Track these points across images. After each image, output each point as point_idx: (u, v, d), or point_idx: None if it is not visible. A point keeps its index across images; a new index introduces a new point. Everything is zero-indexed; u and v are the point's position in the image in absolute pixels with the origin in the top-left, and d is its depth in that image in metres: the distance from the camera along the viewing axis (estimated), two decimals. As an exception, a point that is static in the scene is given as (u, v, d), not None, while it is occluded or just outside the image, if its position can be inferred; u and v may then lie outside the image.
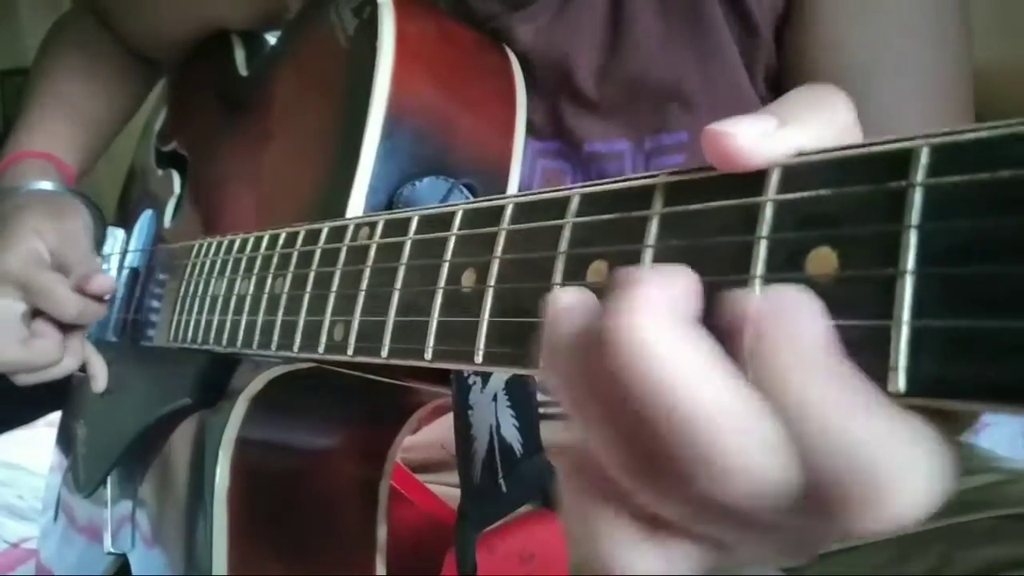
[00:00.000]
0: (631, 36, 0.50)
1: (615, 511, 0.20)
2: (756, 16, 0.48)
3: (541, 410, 0.48)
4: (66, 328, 0.60)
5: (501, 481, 0.46)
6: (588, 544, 0.20)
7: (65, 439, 0.78)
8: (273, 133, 0.54)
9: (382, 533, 0.53)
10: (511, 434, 0.47)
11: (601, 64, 0.51)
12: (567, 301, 0.20)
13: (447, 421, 0.60)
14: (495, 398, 0.46)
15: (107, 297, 0.61)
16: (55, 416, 0.83)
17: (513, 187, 0.48)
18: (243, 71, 0.65)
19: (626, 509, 0.20)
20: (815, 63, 0.46)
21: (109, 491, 0.65)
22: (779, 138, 0.19)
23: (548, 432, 0.48)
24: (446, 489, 0.64)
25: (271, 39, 0.68)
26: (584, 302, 0.20)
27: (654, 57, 0.49)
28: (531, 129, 0.50)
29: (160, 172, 0.72)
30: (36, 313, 0.58)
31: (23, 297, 0.57)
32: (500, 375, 0.45)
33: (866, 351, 0.17)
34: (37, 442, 1.12)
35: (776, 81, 0.49)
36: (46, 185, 0.65)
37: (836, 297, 0.18)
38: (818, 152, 0.19)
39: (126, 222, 0.75)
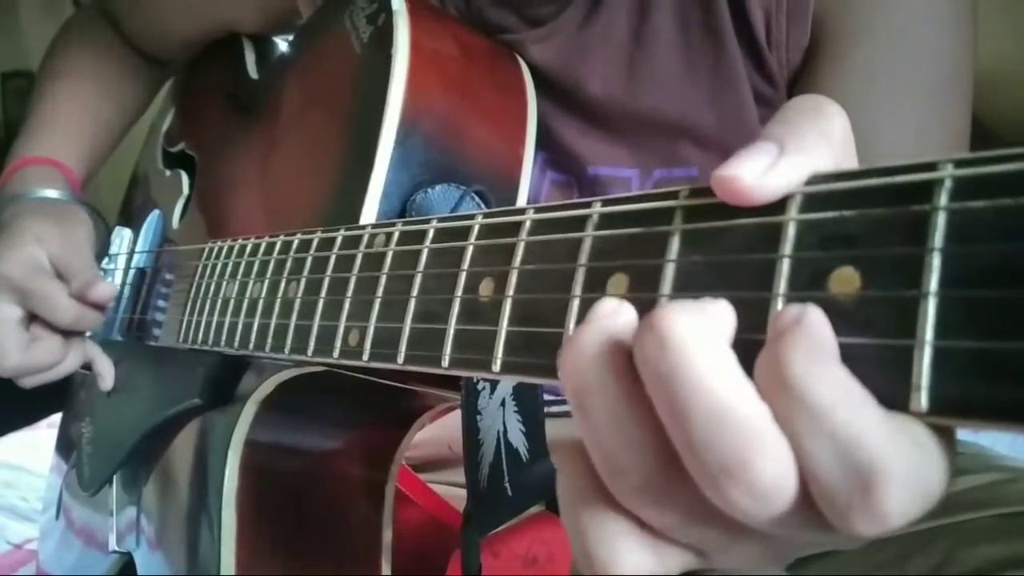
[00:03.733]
0: (649, 70, 0.50)
1: (608, 507, 0.21)
2: (774, 66, 0.48)
3: (547, 409, 0.49)
4: (66, 331, 0.60)
5: (507, 485, 0.47)
6: (580, 540, 0.21)
7: (65, 440, 0.78)
8: (284, 136, 0.54)
9: (387, 535, 0.53)
10: (518, 439, 0.47)
11: (615, 93, 0.51)
12: (609, 307, 0.21)
13: (450, 420, 0.60)
14: (503, 403, 0.46)
15: (109, 305, 0.61)
16: (57, 417, 0.83)
17: (523, 195, 0.48)
18: (254, 74, 0.65)
19: (618, 506, 0.21)
20: None
21: (114, 491, 0.65)
22: (783, 168, 0.20)
23: (553, 432, 0.48)
24: (450, 488, 0.64)
25: (281, 43, 0.68)
26: (621, 310, 0.21)
27: (670, 92, 0.50)
28: (540, 140, 0.50)
29: (168, 173, 0.72)
30: (34, 317, 0.59)
31: (21, 302, 0.58)
32: (508, 380, 0.46)
33: (888, 370, 0.17)
34: (39, 444, 1.12)
35: None
36: (51, 193, 0.65)
37: (858, 316, 0.18)
38: (841, 173, 0.20)
39: (132, 222, 0.75)
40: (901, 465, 0.17)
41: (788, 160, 0.20)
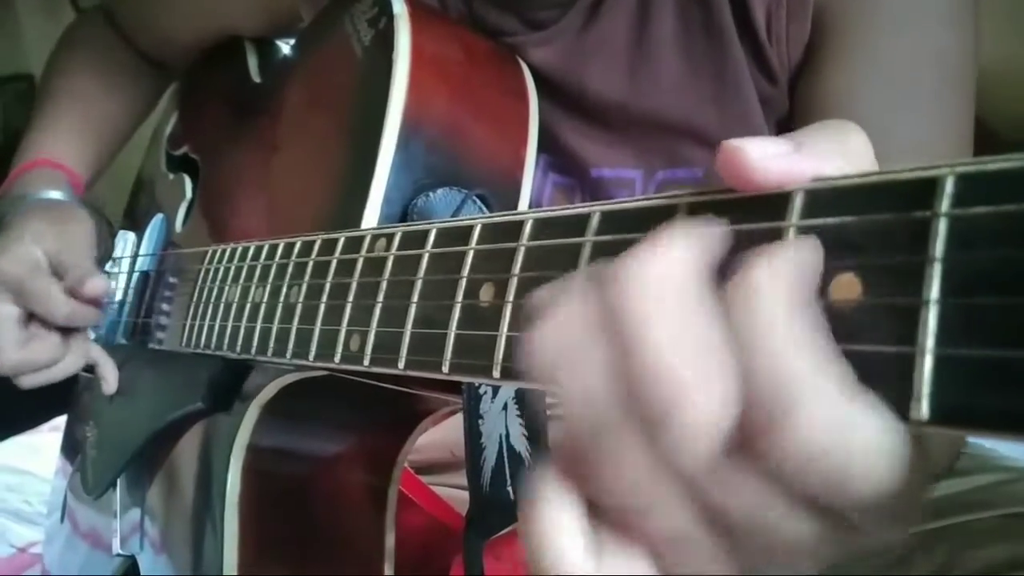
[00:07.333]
0: (651, 71, 0.49)
1: (570, 505, 0.20)
2: (775, 65, 0.48)
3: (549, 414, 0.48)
4: (65, 330, 0.60)
5: (509, 489, 0.47)
6: (536, 543, 0.20)
7: (70, 443, 0.78)
8: (286, 140, 0.54)
9: (391, 539, 0.53)
10: (520, 443, 0.47)
11: (617, 95, 0.50)
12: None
13: (453, 424, 0.60)
14: (505, 407, 0.46)
15: (106, 300, 0.61)
16: (60, 421, 0.83)
17: (525, 198, 0.48)
18: (256, 77, 0.65)
19: (581, 503, 0.20)
20: (824, 116, 0.47)
21: (118, 494, 0.65)
22: (793, 160, 0.20)
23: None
24: (452, 491, 0.64)
25: (284, 46, 0.68)
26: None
27: (673, 94, 0.49)
28: (542, 143, 0.50)
29: (171, 176, 0.72)
30: (32, 316, 0.59)
31: (16, 300, 0.58)
32: (510, 386, 0.46)
33: (889, 378, 0.17)
34: (43, 447, 1.12)
35: (787, 130, 0.49)
36: (54, 194, 0.65)
37: (859, 323, 0.18)
38: (842, 178, 0.19)
39: (136, 226, 0.75)
40: (823, 404, 0.17)
41: (800, 155, 0.20)
